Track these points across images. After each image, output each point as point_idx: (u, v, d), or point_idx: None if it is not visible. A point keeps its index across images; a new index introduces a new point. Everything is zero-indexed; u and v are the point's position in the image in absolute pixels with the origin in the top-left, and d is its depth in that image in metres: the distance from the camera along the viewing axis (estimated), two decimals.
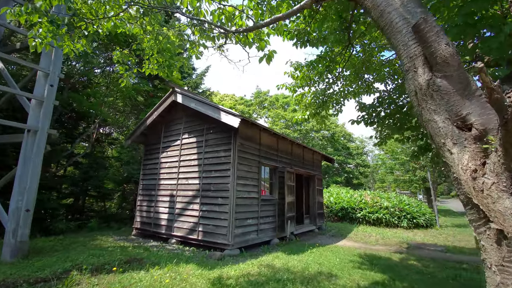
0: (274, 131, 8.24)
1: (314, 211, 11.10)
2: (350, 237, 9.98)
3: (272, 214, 8.18)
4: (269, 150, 8.44)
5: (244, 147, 7.25)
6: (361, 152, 36.19)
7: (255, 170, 7.62)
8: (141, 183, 9.30)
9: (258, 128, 7.88)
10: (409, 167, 19.57)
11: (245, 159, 7.25)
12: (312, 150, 11.55)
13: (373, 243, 9.03)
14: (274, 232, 8.17)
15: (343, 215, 13.79)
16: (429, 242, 9.24)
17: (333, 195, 15.32)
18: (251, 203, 7.27)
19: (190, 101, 7.66)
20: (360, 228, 12.02)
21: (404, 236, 10.36)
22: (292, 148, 9.99)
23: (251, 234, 7.12)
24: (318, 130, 30.19)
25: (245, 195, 7.04)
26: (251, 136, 7.61)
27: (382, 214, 12.54)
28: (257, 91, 35.70)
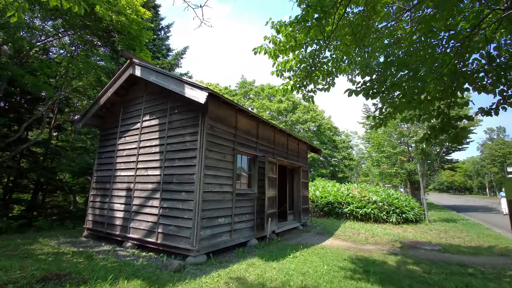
0: (253, 113, 6.98)
1: (299, 207, 10.04)
2: (337, 235, 9.02)
3: (250, 211, 6.99)
4: (247, 136, 7.18)
5: (215, 130, 5.96)
6: (347, 145, 35.81)
7: (229, 159, 6.36)
8: (95, 174, 7.80)
9: (233, 109, 6.59)
10: (396, 160, 19.03)
11: (217, 145, 5.96)
12: (297, 139, 10.42)
13: (363, 241, 8.09)
14: (252, 232, 7.00)
15: (329, 210, 12.88)
16: (422, 240, 8.42)
17: (319, 189, 14.40)
18: (224, 198, 6.03)
19: (150, 74, 6.23)
20: (347, 224, 11.13)
21: (395, 233, 9.54)
22: (275, 136, 8.79)
23: (223, 236, 5.91)
24: (304, 121, 29.27)
25: (215, 188, 5.78)
26: (224, 118, 6.31)
27: (370, 209, 11.72)
28: (242, 81, 34.19)
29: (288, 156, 9.65)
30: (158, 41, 13.75)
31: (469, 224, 12.13)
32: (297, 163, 10.17)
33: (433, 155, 13.08)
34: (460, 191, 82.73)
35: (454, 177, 77.69)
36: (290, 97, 30.63)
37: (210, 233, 5.51)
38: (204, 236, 5.34)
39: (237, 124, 6.76)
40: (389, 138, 19.52)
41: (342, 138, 36.84)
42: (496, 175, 51.82)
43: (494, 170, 49.70)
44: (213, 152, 5.83)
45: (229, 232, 6.11)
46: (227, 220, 6.07)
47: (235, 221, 6.33)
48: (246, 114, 7.01)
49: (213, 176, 5.76)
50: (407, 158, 18.26)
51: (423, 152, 12.33)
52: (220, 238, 5.78)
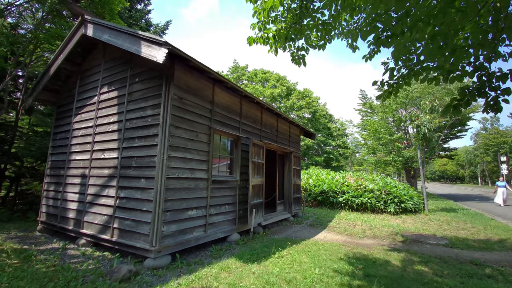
0: (234, 84, 5.82)
1: (290, 196, 9.08)
2: (331, 227, 8.12)
3: (230, 201, 5.97)
4: (227, 114, 6.06)
5: (185, 103, 4.81)
6: (342, 133, 34.95)
7: (204, 139, 5.25)
8: (49, 159, 6.62)
9: (209, 78, 5.43)
10: (393, 147, 18.19)
11: (187, 121, 4.83)
12: (289, 121, 9.34)
13: (360, 235, 7.21)
14: (233, 225, 6.01)
15: (323, 199, 12.00)
16: (425, 233, 7.58)
17: (313, 177, 13.48)
18: (196, 186, 4.96)
19: (103, 32, 4.98)
20: (342, 214, 10.26)
21: (394, 224, 8.70)
22: (262, 115, 7.67)
23: (195, 231, 4.88)
24: (299, 107, 28.13)
25: (184, 174, 4.70)
26: (197, 89, 5.15)
27: (367, 198, 10.87)
28: (235, 65, 32.60)
29: (278, 139, 8.58)
30: (137, 13, 12.26)
31: (471, 214, 11.41)
32: (288, 148, 9.12)
33: (434, 141, 12.18)
34: (452, 180, 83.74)
35: (447, 167, 78.36)
36: (284, 82, 29.34)
37: (176, 228, 4.47)
38: (168, 233, 4.29)
39: (214, 97, 5.62)
40: (387, 124, 18.59)
41: (337, 125, 35.93)
42: (488, 165, 52.04)
43: (487, 159, 49.81)
44: (182, 130, 4.70)
45: (203, 226, 5.09)
46: (201, 213, 5.03)
47: (211, 214, 5.30)
48: (225, 86, 5.85)
49: (182, 159, 4.67)
50: (405, 145, 17.43)
51: (424, 137, 11.40)
52: (190, 235, 4.75)
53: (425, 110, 12.08)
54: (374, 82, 3.78)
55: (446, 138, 20.96)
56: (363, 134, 23.90)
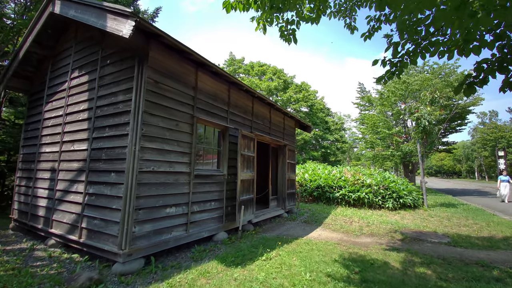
0: (219, 69, 5.28)
1: (283, 191, 8.63)
2: (326, 224, 7.70)
3: (217, 197, 5.49)
4: (213, 102, 5.53)
5: (162, 88, 4.28)
6: (339, 127, 34.50)
7: (186, 129, 4.74)
8: (20, 152, 6.09)
9: (192, 61, 4.88)
10: (391, 141, 17.77)
11: (164, 108, 4.31)
12: (283, 112, 8.82)
13: (357, 232, 6.78)
14: (219, 223, 5.54)
15: (319, 194, 11.58)
16: (426, 230, 7.18)
17: (309, 171, 13.04)
18: (176, 181, 4.47)
19: (69, 7, 4.41)
20: (338, 210, 9.85)
21: (392, 220, 8.29)
22: (254, 105, 7.15)
23: (174, 231, 4.40)
24: (296, 101, 27.56)
25: (161, 167, 4.20)
26: (177, 73, 4.62)
27: (364, 193, 10.45)
28: (231, 58, 31.84)
29: (271, 131, 8.08)
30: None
31: (471, 209, 11.05)
32: (282, 140, 8.63)
33: (434, 134, 11.74)
34: (448, 175, 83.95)
35: (444, 161, 78.47)
36: (281, 75, 28.69)
37: (151, 228, 3.98)
38: (140, 234, 3.81)
39: (198, 83, 5.08)
40: (385, 118, 18.13)
41: (334, 120, 35.46)
42: (486, 159, 51.98)
43: (485, 154, 49.70)
44: (158, 118, 4.19)
45: (184, 225, 4.61)
46: (181, 210, 4.55)
47: (193, 211, 4.82)
48: (210, 71, 5.31)
49: (158, 151, 4.16)
50: (404, 139, 17.02)
51: (424, 130, 10.95)
52: (168, 235, 4.27)
53: (425, 102, 11.60)
54: (374, 62, 3.28)
55: (446, 132, 20.57)
56: (360, 128, 23.45)
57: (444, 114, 17.74)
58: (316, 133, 28.69)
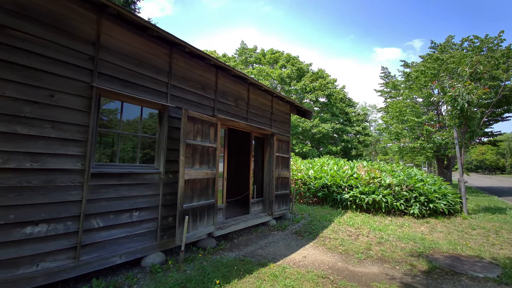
0: (145, 21, 3.55)
1: (270, 193, 6.79)
2: (323, 238, 5.77)
3: (146, 204, 3.85)
4: (136, 69, 3.84)
5: (13, 36, 2.67)
6: (362, 118, 31.35)
7: (73, 104, 3.11)
8: None
9: (87, 2, 3.21)
10: (421, 131, 14.96)
11: (20, 69, 2.71)
12: (271, 93, 6.91)
13: (361, 254, 4.79)
14: (151, 241, 3.91)
15: (324, 195, 9.54)
16: (465, 254, 4.96)
17: (314, 167, 10.98)
18: (49, 183, 2.88)
19: None
20: (346, 216, 7.79)
21: (417, 235, 6.11)
22: (218, 79, 5.35)
23: (48, 261, 2.83)
24: (312, 90, 25.12)
25: (11, 163, 2.62)
26: (55, 16, 2.98)
27: (381, 196, 8.24)
28: (242, 47, 30.04)
29: (249, 116, 6.25)
30: None
31: None
32: (268, 128, 6.77)
33: (477, 120, 9.07)
34: (490, 170, 75.40)
35: (485, 155, 70.44)
36: (295, 63, 26.36)
37: None
38: None
39: (102, 38, 3.42)
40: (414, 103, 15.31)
41: (356, 110, 32.33)
42: None
43: None
44: (2, 83, 2.59)
45: (70, 250, 3.02)
46: (62, 228, 2.95)
47: (92, 227, 3.22)
48: (125, 20, 3.59)
49: (3, 136, 2.58)
50: (436, 128, 14.17)
51: (462, 114, 8.40)
52: (33, 267, 2.70)
53: (464, 78, 8.97)
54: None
55: (489, 120, 17.09)
56: (383, 117, 20.55)
57: (488, 98, 14.53)
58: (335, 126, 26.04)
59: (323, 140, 26.30)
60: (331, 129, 24.25)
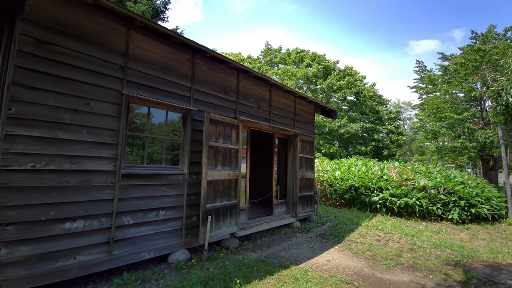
0: (169, 30, 3.76)
1: (294, 194, 6.73)
2: (349, 241, 5.57)
3: (171, 204, 4.06)
4: (162, 75, 4.07)
5: (52, 51, 2.99)
6: (394, 116, 29.64)
7: (106, 110, 3.39)
8: None
9: (114, 15, 3.48)
10: (462, 130, 13.74)
11: (59, 80, 3.02)
12: (292, 93, 6.85)
13: (389, 260, 4.56)
14: (178, 239, 4.10)
15: (352, 197, 9.20)
16: (506, 262, 4.47)
17: (341, 168, 10.64)
18: (85, 183, 3.16)
19: None
20: (374, 220, 7.44)
21: (455, 242, 5.64)
22: (240, 82, 5.44)
23: (83, 254, 3.11)
24: (339, 88, 24.35)
25: (52, 164, 2.93)
26: (88, 31, 3.27)
27: (414, 199, 7.73)
28: (267, 48, 30.11)
29: (271, 117, 6.26)
30: None
31: None
32: (291, 129, 6.72)
33: None
34: None
35: None
36: (321, 61, 25.77)
37: (32, 251, 2.75)
38: (11, 259, 2.61)
39: (130, 49, 3.68)
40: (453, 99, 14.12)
41: (388, 108, 30.64)
42: None
43: None
44: (46, 93, 2.91)
45: (104, 245, 3.29)
46: (97, 224, 3.23)
47: (123, 224, 3.47)
48: (151, 31, 3.83)
49: (45, 141, 2.90)
50: (480, 126, 12.92)
51: (508, 110, 7.57)
52: (68, 260, 3.00)
53: (508, 70, 8.09)
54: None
55: None
56: (419, 114, 19.21)
57: None
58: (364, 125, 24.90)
59: (352, 140, 25.32)
60: (360, 129, 23.28)
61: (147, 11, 10.50)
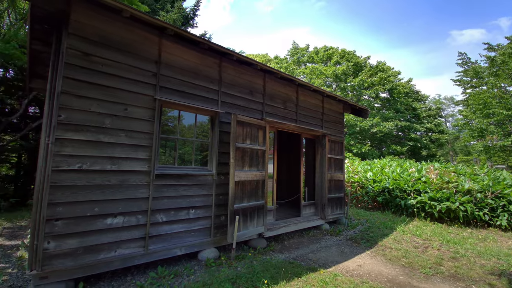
0: (198, 37, 3.93)
1: (323, 196, 6.58)
2: (382, 247, 5.30)
3: (200, 203, 4.21)
4: (192, 80, 4.25)
5: (95, 62, 3.28)
6: (434, 113, 27.49)
7: (143, 115, 3.64)
8: None
9: (147, 25, 3.71)
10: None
11: (102, 88, 3.31)
12: (321, 93, 6.71)
13: (428, 268, 4.25)
14: (207, 237, 4.25)
15: (385, 200, 8.72)
16: None
17: (373, 169, 10.14)
18: (124, 182, 3.42)
19: None
20: (411, 225, 6.98)
21: (502, 250, 5.08)
22: (266, 83, 5.47)
23: (122, 248, 3.37)
24: (370, 85, 23.24)
25: (96, 165, 3.22)
26: (125, 42, 3.54)
27: (457, 203, 7.11)
28: (294, 47, 29.79)
29: (298, 117, 6.19)
30: None
31: None
32: (319, 129, 6.59)
33: None
34: None
35: None
36: (351, 57, 24.83)
37: (78, 244, 3.05)
38: (59, 251, 2.92)
39: (162, 55, 3.90)
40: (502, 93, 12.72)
41: (427, 105, 28.50)
42: None
43: None
44: (90, 101, 3.21)
45: (140, 240, 3.53)
46: (134, 221, 3.48)
47: (157, 222, 3.69)
48: (182, 38, 4.02)
49: (91, 144, 3.19)
50: None
51: None
52: (110, 253, 3.26)
53: None
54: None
55: None
56: (463, 111, 17.58)
57: None
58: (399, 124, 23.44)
59: (385, 139, 23.99)
60: (394, 128, 21.97)
61: (178, 19, 11.01)
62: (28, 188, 8.95)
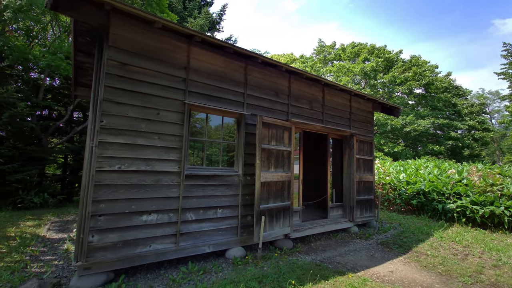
0: (224, 42, 4.07)
1: (351, 197, 6.39)
2: (417, 253, 5.02)
3: (227, 203, 4.35)
4: (218, 84, 4.40)
5: (132, 71, 3.55)
6: (477, 110, 25.17)
7: (173, 118, 3.86)
8: None
9: (177, 34, 3.92)
10: None
11: (137, 95, 3.57)
12: (348, 92, 6.52)
13: (467, 277, 3.95)
14: (233, 236, 4.37)
15: (420, 204, 8.20)
16: None
17: (407, 171, 9.59)
18: (157, 182, 3.66)
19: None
20: (450, 231, 6.51)
21: None
22: (291, 84, 5.46)
23: (156, 243, 3.60)
24: (404, 81, 21.93)
25: (133, 166, 3.48)
26: (156, 51, 3.78)
27: (503, 208, 6.47)
28: (320, 45, 29.16)
29: (324, 118, 6.08)
30: (190, 2, 12.15)
31: None
32: (347, 129, 6.41)
33: None
34: None
35: None
36: (381, 53, 23.68)
37: (118, 239, 3.33)
38: (101, 244, 3.21)
39: (191, 62, 4.10)
40: None
41: (469, 100, 26.18)
42: None
43: None
44: (127, 107, 3.49)
45: (172, 236, 3.74)
46: (166, 218, 3.70)
47: (187, 220, 3.88)
48: (209, 44, 4.18)
49: (128, 146, 3.47)
50: None
51: None
52: (145, 247, 3.51)
53: None
54: None
55: None
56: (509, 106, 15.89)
57: None
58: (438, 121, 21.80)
59: (421, 138, 22.48)
60: (430, 126, 20.52)
61: (205, 24, 11.39)
62: (73, 186, 9.88)
